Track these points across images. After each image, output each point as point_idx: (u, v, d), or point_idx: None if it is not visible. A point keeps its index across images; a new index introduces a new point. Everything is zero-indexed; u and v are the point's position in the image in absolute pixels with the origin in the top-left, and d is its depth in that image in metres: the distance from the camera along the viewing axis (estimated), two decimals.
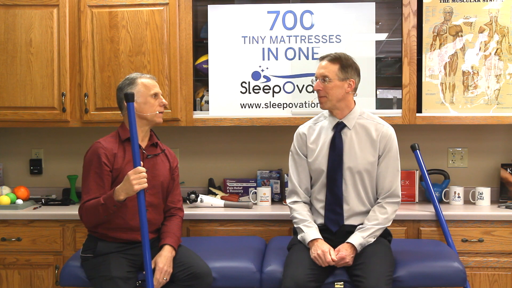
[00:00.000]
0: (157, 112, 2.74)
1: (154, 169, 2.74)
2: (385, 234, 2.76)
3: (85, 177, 2.66)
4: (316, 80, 2.74)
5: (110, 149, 2.67)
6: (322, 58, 2.75)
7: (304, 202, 2.80)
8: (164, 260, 2.61)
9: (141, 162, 2.54)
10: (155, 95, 2.74)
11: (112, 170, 2.65)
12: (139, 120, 2.70)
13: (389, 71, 3.55)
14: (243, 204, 3.40)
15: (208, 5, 3.46)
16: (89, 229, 2.71)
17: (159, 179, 2.75)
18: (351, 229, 2.68)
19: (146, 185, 2.50)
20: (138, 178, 2.47)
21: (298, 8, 3.42)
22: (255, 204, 3.49)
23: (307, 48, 3.42)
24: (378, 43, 3.46)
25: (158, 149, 2.82)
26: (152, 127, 2.80)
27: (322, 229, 2.71)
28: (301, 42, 3.42)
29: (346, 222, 2.71)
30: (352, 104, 2.76)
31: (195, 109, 3.50)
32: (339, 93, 2.70)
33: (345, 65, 2.69)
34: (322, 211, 2.74)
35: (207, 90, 3.50)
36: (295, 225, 2.76)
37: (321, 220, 2.74)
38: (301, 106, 3.43)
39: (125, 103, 2.58)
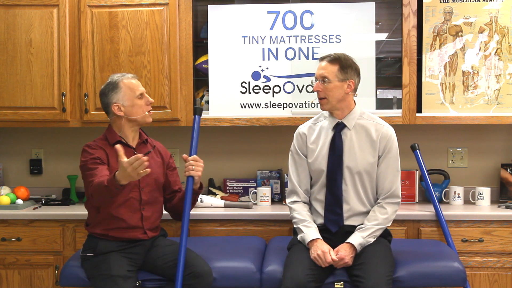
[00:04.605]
0: (146, 112, 2.71)
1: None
2: (385, 234, 2.76)
3: (84, 176, 2.62)
4: (315, 81, 2.74)
5: (100, 152, 2.65)
6: (321, 59, 2.75)
7: (304, 202, 2.79)
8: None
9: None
10: (141, 95, 2.71)
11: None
12: (128, 122, 2.69)
13: (389, 71, 3.55)
14: (243, 204, 3.40)
15: (208, 5, 3.46)
16: (89, 230, 2.72)
17: (153, 176, 2.74)
18: (351, 229, 2.68)
19: (147, 170, 2.34)
20: (133, 169, 2.29)
21: (298, 8, 3.41)
22: (255, 204, 3.48)
23: (307, 48, 3.42)
24: (378, 43, 3.45)
25: (149, 145, 2.82)
26: (143, 127, 2.78)
27: (322, 229, 2.71)
28: (301, 42, 3.42)
29: (346, 223, 2.70)
30: (352, 105, 2.76)
31: None
32: (339, 94, 2.69)
33: (345, 65, 2.68)
34: (322, 212, 2.74)
35: (207, 90, 3.50)
36: (294, 225, 2.76)
37: (320, 221, 2.74)
38: (301, 106, 3.43)
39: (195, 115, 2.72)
